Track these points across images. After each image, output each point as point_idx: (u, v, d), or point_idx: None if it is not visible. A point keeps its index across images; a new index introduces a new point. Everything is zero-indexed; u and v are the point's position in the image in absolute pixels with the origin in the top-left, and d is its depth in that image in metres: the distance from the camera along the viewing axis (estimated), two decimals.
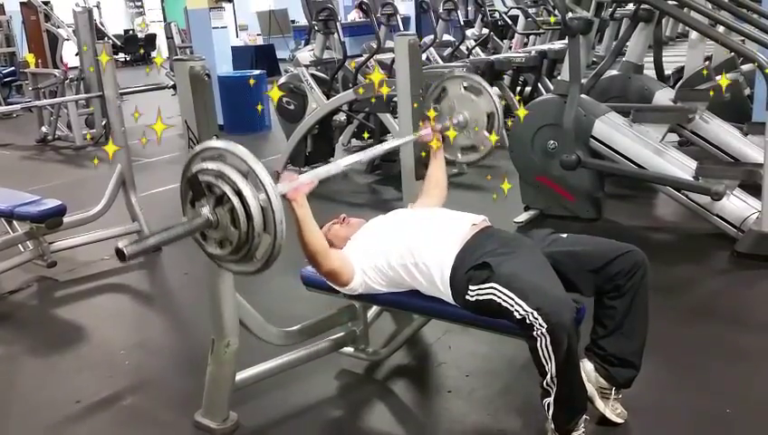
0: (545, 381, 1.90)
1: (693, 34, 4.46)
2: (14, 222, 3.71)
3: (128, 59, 18.58)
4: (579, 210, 4.11)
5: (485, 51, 8.55)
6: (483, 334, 2.48)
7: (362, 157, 2.28)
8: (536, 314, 1.84)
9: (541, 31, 8.34)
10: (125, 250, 1.52)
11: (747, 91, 4.90)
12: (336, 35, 5.73)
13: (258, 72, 8.06)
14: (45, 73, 7.79)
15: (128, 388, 2.61)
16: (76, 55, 7.73)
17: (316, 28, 5.83)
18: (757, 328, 2.84)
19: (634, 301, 2.06)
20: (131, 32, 18.80)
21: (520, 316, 1.88)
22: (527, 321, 1.86)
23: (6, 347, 3.08)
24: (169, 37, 10.22)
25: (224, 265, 1.80)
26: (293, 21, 15.41)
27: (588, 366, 2.11)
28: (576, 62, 3.77)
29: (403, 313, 2.71)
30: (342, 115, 5.75)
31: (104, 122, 7.06)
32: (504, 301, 1.93)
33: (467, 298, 2.04)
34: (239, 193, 1.61)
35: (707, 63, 4.43)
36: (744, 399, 2.32)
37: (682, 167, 3.71)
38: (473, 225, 2.21)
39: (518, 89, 6.93)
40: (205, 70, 2.01)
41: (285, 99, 5.73)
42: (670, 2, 3.73)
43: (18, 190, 3.96)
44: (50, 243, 3.70)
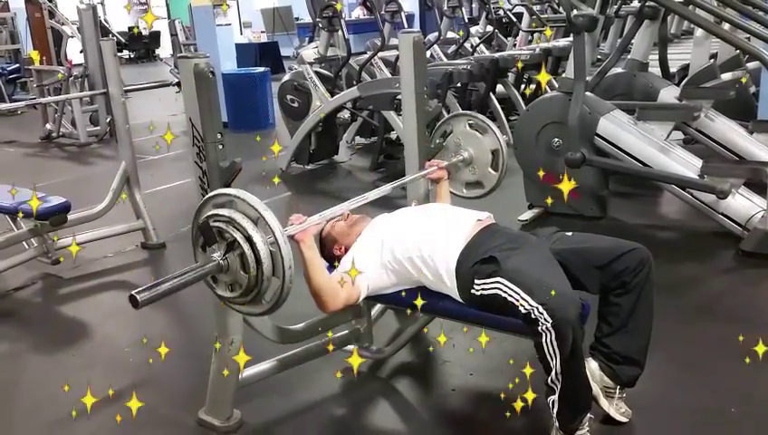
0: (550, 377, 1.89)
1: (698, 32, 4.44)
2: (19, 219, 3.72)
3: (132, 56, 18.63)
4: (583, 208, 4.10)
5: (490, 48, 8.52)
6: (487, 332, 2.48)
7: (370, 196, 2.33)
8: (541, 309, 1.84)
9: (543, 29, 8.32)
10: (138, 297, 1.54)
11: (753, 88, 4.88)
12: (340, 33, 5.72)
13: (262, 70, 8.06)
14: (50, 70, 7.80)
15: (131, 385, 2.61)
16: (80, 52, 7.74)
17: (320, 25, 5.83)
18: (762, 327, 2.83)
19: (639, 298, 2.05)
20: (135, 29, 18.82)
21: (525, 311, 1.88)
22: (532, 316, 1.86)
23: (11, 344, 3.09)
24: (173, 34, 10.22)
25: (233, 306, 1.83)
26: (297, 18, 15.42)
27: (592, 365, 2.11)
28: (581, 59, 3.76)
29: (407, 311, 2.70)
30: (346, 113, 5.75)
31: (108, 119, 7.07)
32: (510, 295, 1.93)
33: (473, 292, 2.04)
34: (249, 239, 1.65)
35: (713, 61, 4.41)
36: (749, 398, 2.32)
37: (687, 165, 3.70)
38: (478, 220, 2.22)
39: (522, 87, 6.92)
40: (209, 67, 2.01)
41: (289, 96, 5.74)
42: None
43: (22, 187, 3.97)
44: (54, 240, 3.71)
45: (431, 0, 8.25)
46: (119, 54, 4.21)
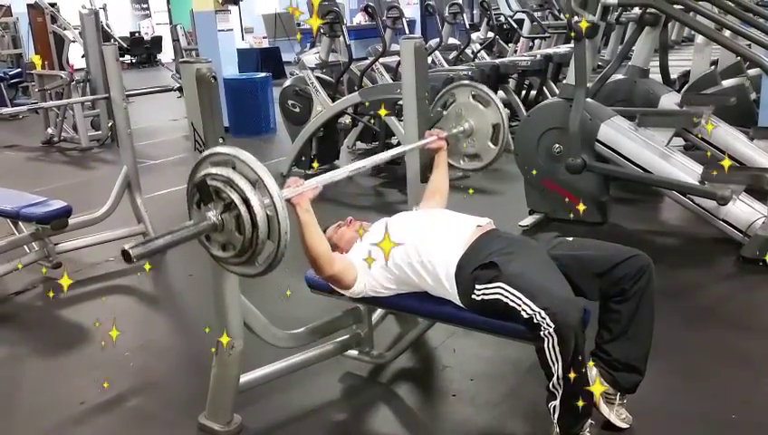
0: (551, 383, 1.89)
1: (699, 39, 4.46)
2: (20, 223, 3.72)
3: (134, 61, 18.67)
4: (584, 214, 4.10)
5: (491, 54, 8.55)
6: (487, 338, 2.48)
7: (367, 163, 2.30)
8: (543, 314, 1.84)
9: (546, 35, 8.34)
10: (131, 252, 1.53)
11: (753, 95, 4.89)
12: (342, 38, 5.73)
13: (263, 75, 8.08)
14: (52, 75, 7.82)
15: (132, 389, 2.61)
16: (82, 57, 7.77)
17: (322, 31, 5.84)
18: (762, 333, 2.83)
19: (639, 305, 2.05)
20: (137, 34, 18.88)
21: (527, 316, 1.88)
22: (534, 320, 1.86)
23: (11, 348, 3.08)
24: (175, 39, 10.26)
25: (226, 266, 1.81)
26: (299, 23, 15.46)
27: (593, 371, 2.11)
28: (582, 65, 3.76)
29: (408, 316, 2.71)
30: (347, 118, 5.76)
31: (110, 124, 7.09)
32: (512, 300, 1.93)
33: (473, 298, 2.04)
34: (246, 201, 1.63)
35: (714, 68, 4.42)
36: (750, 404, 2.31)
37: (688, 171, 3.70)
38: (478, 226, 2.23)
39: (523, 93, 6.94)
40: (211, 72, 2.01)
41: (291, 101, 5.75)
42: (676, 6, 3.72)
43: (24, 191, 3.98)
44: (55, 244, 3.71)
45: (432, 6, 8.27)
46: (120, 59, 4.21)
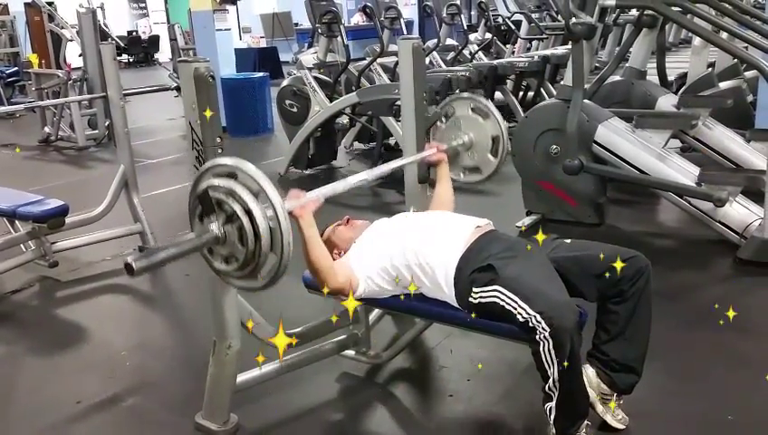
0: (547, 385, 1.89)
1: (696, 41, 4.46)
2: (17, 222, 3.71)
3: (131, 60, 18.66)
4: (581, 215, 4.11)
5: (488, 55, 8.55)
6: (484, 338, 2.48)
7: (369, 177, 2.29)
8: (539, 318, 1.84)
9: (544, 36, 8.35)
10: (134, 265, 1.51)
11: (750, 97, 4.90)
12: (339, 38, 5.74)
13: (261, 75, 8.08)
14: (48, 74, 7.81)
15: (128, 389, 2.60)
16: (79, 56, 7.75)
17: (319, 31, 5.84)
18: (759, 335, 2.83)
19: (637, 306, 2.05)
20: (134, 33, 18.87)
21: (523, 319, 1.88)
22: (530, 324, 1.86)
23: (7, 347, 3.08)
24: (173, 39, 10.24)
25: (228, 280, 1.81)
26: (297, 24, 15.47)
27: (590, 371, 2.11)
28: (579, 67, 3.77)
29: (405, 316, 2.71)
30: (345, 118, 5.76)
31: (107, 123, 7.08)
32: (508, 304, 1.93)
33: (470, 300, 2.04)
34: (249, 212, 1.62)
35: (711, 70, 4.43)
36: (746, 406, 2.32)
37: (684, 173, 3.71)
38: (477, 227, 2.22)
39: (520, 94, 6.94)
40: (209, 71, 2.01)
41: (288, 101, 5.75)
42: (674, 8, 3.73)
43: (20, 190, 3.97)
44: (52, 243, 3.70)
45: (430, 7, 8.28)
46: (118, 58, 4.20)
